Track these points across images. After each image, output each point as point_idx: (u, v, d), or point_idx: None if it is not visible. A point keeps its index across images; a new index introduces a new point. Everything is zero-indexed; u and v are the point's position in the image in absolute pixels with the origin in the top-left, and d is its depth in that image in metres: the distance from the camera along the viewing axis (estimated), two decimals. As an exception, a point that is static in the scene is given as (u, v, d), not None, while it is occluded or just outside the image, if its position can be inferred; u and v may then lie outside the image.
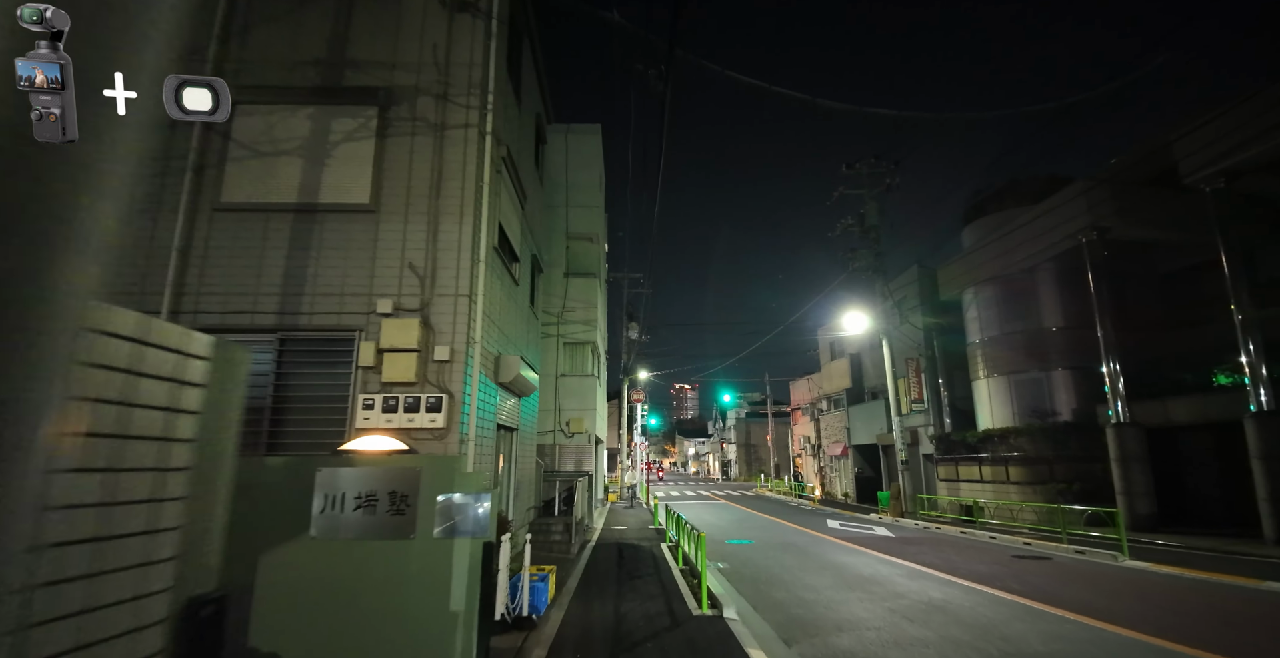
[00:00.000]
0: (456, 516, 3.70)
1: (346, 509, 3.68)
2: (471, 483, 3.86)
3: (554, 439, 16.73)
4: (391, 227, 7.06)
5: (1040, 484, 15.77)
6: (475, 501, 3.77)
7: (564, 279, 17.68)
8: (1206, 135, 12.39)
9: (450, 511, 3.72)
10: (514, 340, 9.51)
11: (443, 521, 3.68)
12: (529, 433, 11.39)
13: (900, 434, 19.07)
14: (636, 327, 30.54)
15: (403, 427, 6.41)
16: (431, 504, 3.72)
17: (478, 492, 3.81)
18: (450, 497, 3.75)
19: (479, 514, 3.75)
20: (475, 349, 6.85)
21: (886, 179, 20.10)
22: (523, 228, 10.23)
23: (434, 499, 3.73)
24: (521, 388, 9.56)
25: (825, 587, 8.29)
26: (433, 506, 3.71)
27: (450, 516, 3.70)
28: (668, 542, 12.66)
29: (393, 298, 6.81)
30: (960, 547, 12.39)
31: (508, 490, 9.66)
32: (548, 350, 17.18)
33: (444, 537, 3.68)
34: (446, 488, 3.76)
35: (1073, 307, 17.25)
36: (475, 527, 3.72)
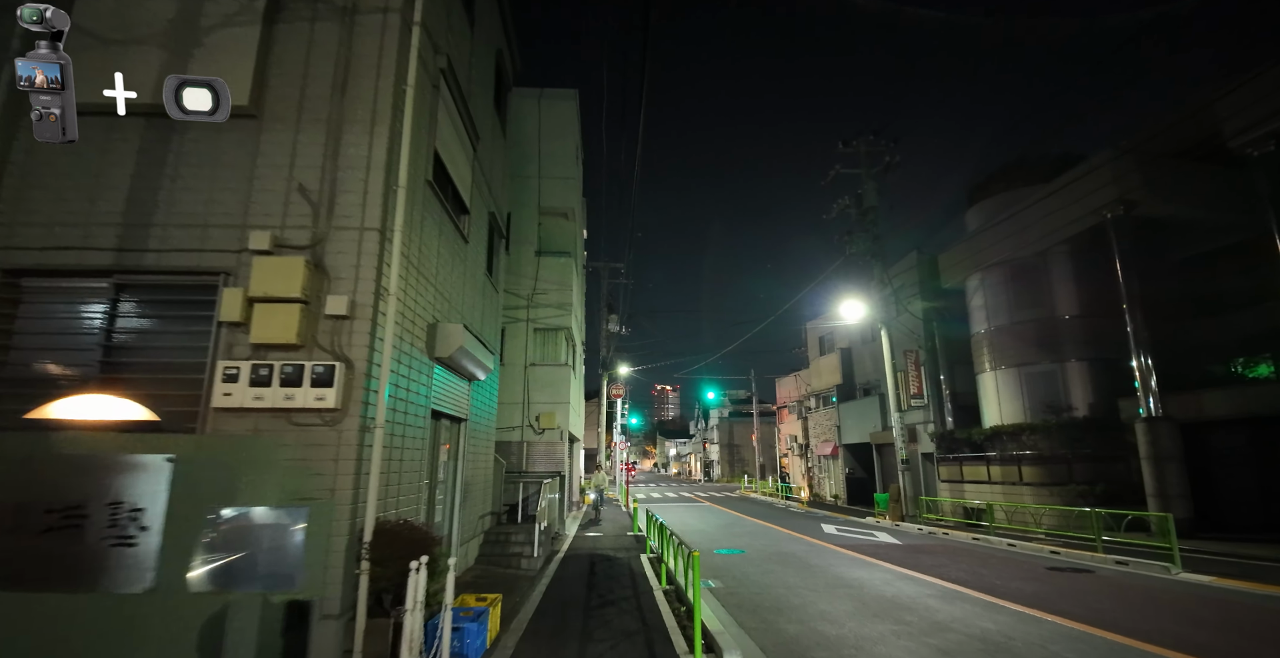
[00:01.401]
0: (242, 548, 1.94)
1: (28, 530, 1.90)
2: (271, 486, 2.08)
3: (522, 436, 14.91)
4: (277, 137, 5.23)
5: (1059, 486, 14.32)
6: (287, 520, 2.01)
7: (535, 258, 15.87)
8: (1254, 92, 11.02)
9: (235, 538, 1.96)
10: (459, 308, 7.69)
11: (212, 557, 1.92)
12: (484, 426, 9.56)
13: (900, 431, 17.55)
14: (616, 319, 28.79)
15: (278, 406, 4.59)
16: (196, 526, 1.95)
17: (290, 502, 2.05)
18: (239, 513, 1.99)
19: (290, 546, 1.99)
20: (389, 305, 5.04)
21: (885, 157, 18.59)
22: (475, 175, 8.42)
23: (200, 517, 1.95)
24: (470, 368, 7.74)
25: (845, 616, 6.61)
26: (198, 528, 1.94)
27: (232, 546, 1.94)
28: (648, 552, 10.91)
29: (273, 231, 4.98)
30: (981, 557, 10.83)
31: (452, 495, 7.83)
32: (515, 336, 15.36)
33: (212, 590, 1.92)
34: (227, 496, 1.99)
35: (1090, 293, 15.88)
36: (278, 571, 1.97)
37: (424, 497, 6.24)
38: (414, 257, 5.88)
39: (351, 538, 4.54)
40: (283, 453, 4.54)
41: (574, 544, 12.41)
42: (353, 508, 4.57)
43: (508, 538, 9.77)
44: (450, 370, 7.37)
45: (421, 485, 6.16)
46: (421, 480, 6.16)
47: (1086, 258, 15.84)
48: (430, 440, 6.72)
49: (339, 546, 4.46)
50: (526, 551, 9.42)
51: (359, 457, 4.64)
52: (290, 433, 4.61)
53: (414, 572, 4.14)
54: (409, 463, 5.76)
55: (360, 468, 4.67)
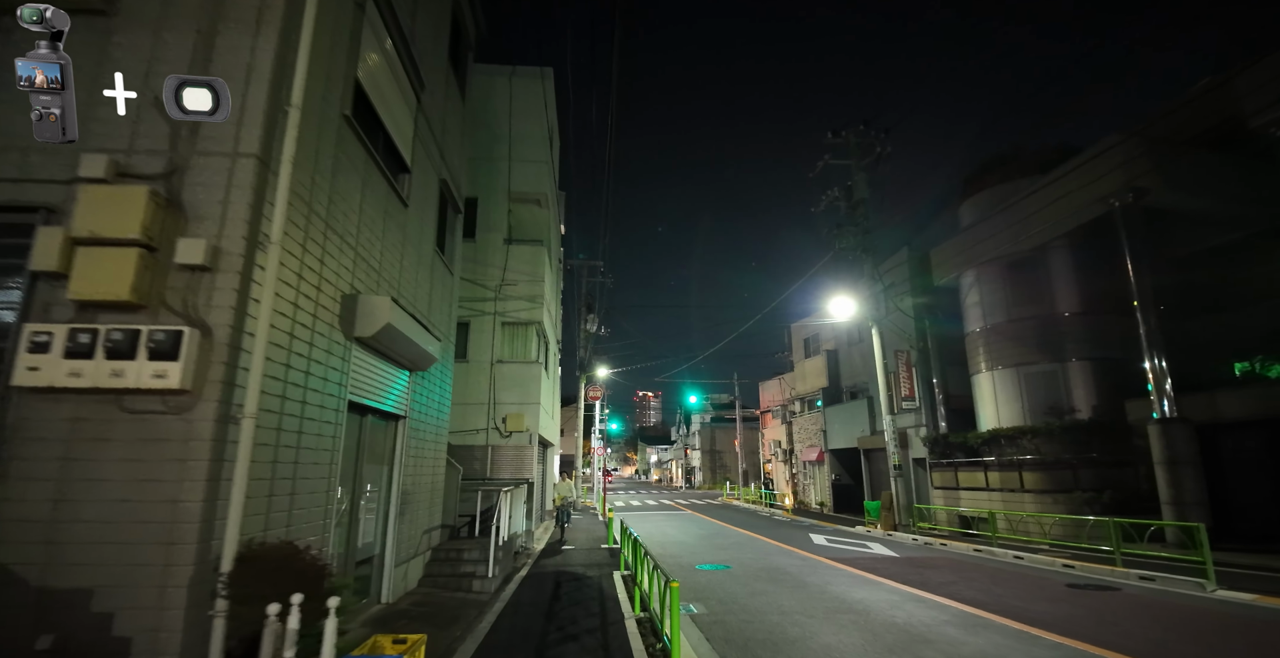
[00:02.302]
0: None
1: None
2: None
3: (487, 439, 13.65)
4: (134, 40, 4.00)
5: (1064, 493, 13.39)
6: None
7: (504, 247, 14.66)
8: (1277, 66, 10.24)
9: None
10: (393, 282, 6.46)
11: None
12: (431, 424, 8.31)
13: (892, 435, 16.57)
14: (595, 319, 27.59)
15: (104, 386, 3.34)
16: None
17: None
18: None
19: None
20: (270, 256, 3.81)
21: (877, 148, 17.72)
22: (419, 130, 7.21)
23: None
24: (407, 354, 6.51)
25: (855, 651, 5.47)
26: None
27: None
28: (623, 569, 9.70)
29: (115, 155, 3.74)
30: (990, 573, 9.80)
31: (385, 507, 6.59)
32: (482, 331, 14.13)
33: None
34: None
35: (1093, 288, 15.08)
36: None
37: (334, 510, 4.98)
38: (319, 205, 4.66)
39: (201, 568, 3.29)
40: (108, 452, 3.31)
41: (540, 561, 11.15)
42: (203, 528, 3.32)
43: (459, 555, 8.50)
44: (380, 356, 6.14)
45: (331, 497, 4.91)
46: (331, 490, 4.91)
47: (1089, 252, 15.06)
48: (348, 440, 5.47)
49: (179, 578, 3.21)
50: (480, 570, 8.16)
51: (216, 456, 3.40)
52: (121, 424, 3.37)
53: (272, 618, 2.92)
54: (310, 467, 4.52)
55: (219, 472, 3.43)
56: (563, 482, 17.57)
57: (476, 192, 14.90)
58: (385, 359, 6.29)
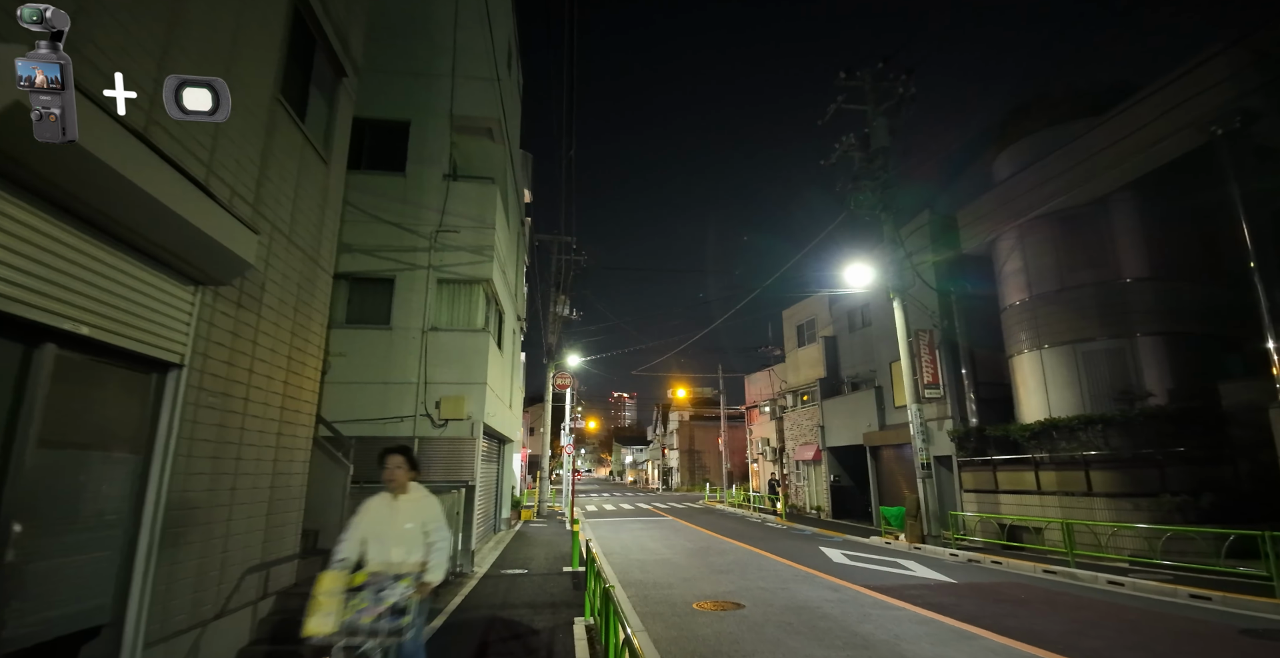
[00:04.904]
0: None
1: None
2: None
3: (414, 429, 10.42)
4: None
5: (1147, 497, 10.65)
6: None
7: (443, 183, 11.44)
8: None
9: None
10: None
11: None
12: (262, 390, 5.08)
13: (919, 428, 13.75)
14: (565, 300, 24.38)
15: None
16: None
17: None
18: None
19: None
20: None
21: (900, 89, 14.88)
22: None
23: None
24: (166, 239, 3.30)
25: None
26: None
27: None
28: (589, 612, 6.52)
29: None
30: (1104, 610, 6.94)
31: (131, 535, 3.35)
32: (412, 289, 10.90)
33: None
34: None
35: (1168, 247, 12.45)
36: None
37: None
38: None
39: None
40: None
41: (475, 593, 7.97)
42: None
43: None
44: (144, 253, 2.96)
45: None
46: None
47: (1163, 202, 12.42)
48: None
49: None
50: (352, 630, 4.97)
51: None
52: None
53: None
54: None
55: None
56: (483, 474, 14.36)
57: (408, 113, 11.67)
58: (178, 272, 3.08)
